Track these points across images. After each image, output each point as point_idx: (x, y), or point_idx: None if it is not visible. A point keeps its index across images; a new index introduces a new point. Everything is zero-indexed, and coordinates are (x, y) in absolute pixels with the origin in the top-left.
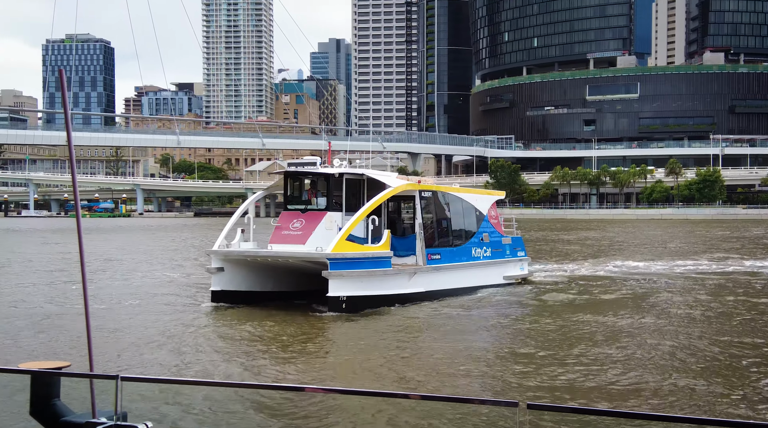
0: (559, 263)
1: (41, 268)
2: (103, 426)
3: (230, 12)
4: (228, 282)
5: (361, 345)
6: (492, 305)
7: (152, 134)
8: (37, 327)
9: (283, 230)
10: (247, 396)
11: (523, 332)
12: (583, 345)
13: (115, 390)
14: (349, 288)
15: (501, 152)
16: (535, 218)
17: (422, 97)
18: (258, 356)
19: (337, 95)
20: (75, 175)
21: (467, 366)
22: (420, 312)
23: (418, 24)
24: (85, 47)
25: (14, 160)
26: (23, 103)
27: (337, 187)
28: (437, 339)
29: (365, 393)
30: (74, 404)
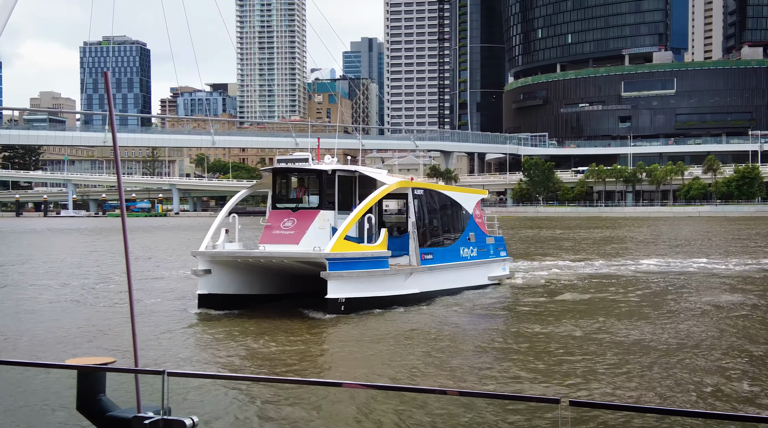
0: (545, 261)
1: (81, 266)
2: (151, 420)
3: (264, 12)
4: (215, 285)
5: (380, 353)
6: (491, 307)
7: (187, 135)
8: (77, 323)
9: (274, 230)
10: (283, 392)
11: (533, 333)
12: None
13: (162, 385)
14: (349, 289)
15: (534, 150)
16: (570, 216)
17: (455, 95)
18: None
19: (369, 94)
20: (120, 176)
21: (502, 367)
22: (420, 315)
23: (450, 22)
24: (121, 49)
25: (53, 160)
26: (61, 104)
27: (330, 184)
28: (453, 342)
29: (402, 389)
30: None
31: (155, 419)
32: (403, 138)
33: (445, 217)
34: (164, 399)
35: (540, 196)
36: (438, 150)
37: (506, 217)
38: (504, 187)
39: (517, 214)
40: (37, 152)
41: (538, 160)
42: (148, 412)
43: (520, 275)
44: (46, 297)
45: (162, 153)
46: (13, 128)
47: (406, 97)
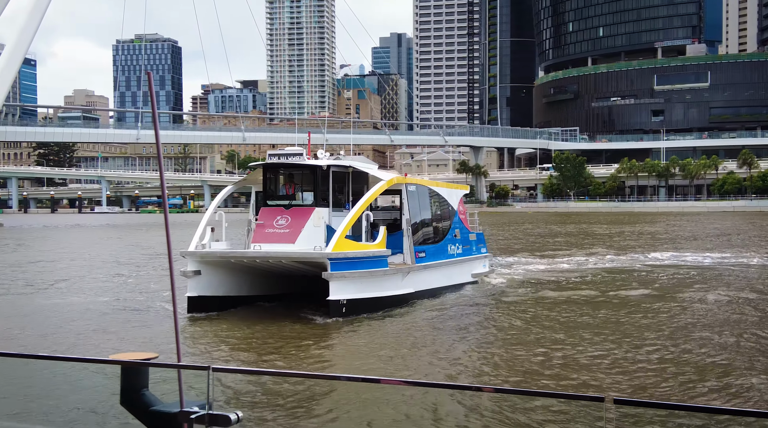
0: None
1: (117, 261)
2: (197, 415)
3: (293, 9)
4: (205, 287)
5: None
6: (488, 304)
7: (218, 131)
8: (108, 318)
9: (267, 228)
10: (319, 388)
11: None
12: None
13: (207, 380)
14: (350, 290)
15: (565, 144)
16: (601, 211)
17: (484, 89)
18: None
19: (398, 90)
20: (162, 172)
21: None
22: (426, 315)
23: (480, 16)
24: (153, 47)
25: (87, 157)
26: (95, 102)
27: (324, 180)
28: (470, 340)
29: (438, 386)
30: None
31: (201, 413)
32: (432, 133)
33: (435, 214)
34: (209, 394)
35: (571, 191)
36: (467, 145)
37: (536, 213)
38: (534, 182)
39: (547, 209)
40: (72, 149)
41: (569, 154)
42: (193, 407)
43: (505, 272)
44: (78, 296)
45: (193, 149)
46: (48, 126)
47: (435, 92)
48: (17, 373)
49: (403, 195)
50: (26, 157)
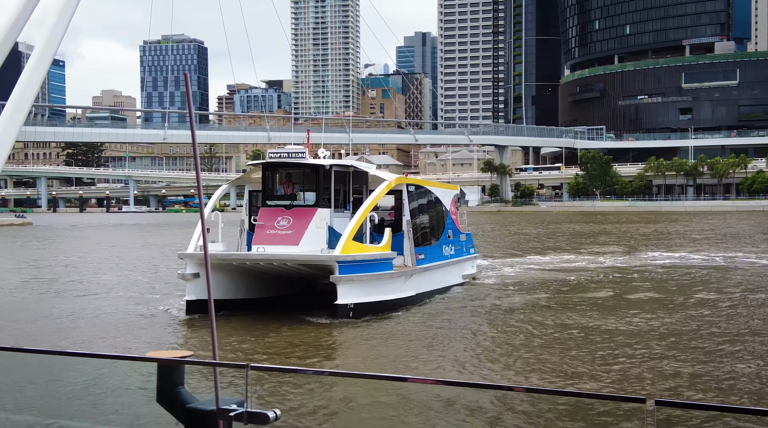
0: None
1: (136, 261)
2: (235, 412)
3: (318, 9)
4: (203, 290)
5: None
6: (492, 305)
7: (243, 131)
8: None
9: (268, 229)
10: (354, 387)
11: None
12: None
13: (245, 378)
14: (358, 293)
15: (591, 143)
16: (627, 211)
17: (509, 88)
18: None
19: (423, 89)
20: (198, 171)
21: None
22: (435, 316)
23: (505, 14)
24: (179, 47)
25: (115, 157)
26: (122, 102)
27: (326, 180)
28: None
29: (468, 385)
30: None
31: (239, 411)
32: (456, 132)
33: (431, 215)
34: (247, 392)
35: (597, 190)
36: (492, 144)
37: (561, 212)
38: (560, 181)
39: (573, 208)
40: (100, 149)
41: (595, 153)
42: (231, 405)
43: (493, 273)
44: (92, 294)
45: (219, 149)
46: (76, 126)
47: (460, 91)
48: (55, 371)
49: (404, 195)
50: (55, 157)
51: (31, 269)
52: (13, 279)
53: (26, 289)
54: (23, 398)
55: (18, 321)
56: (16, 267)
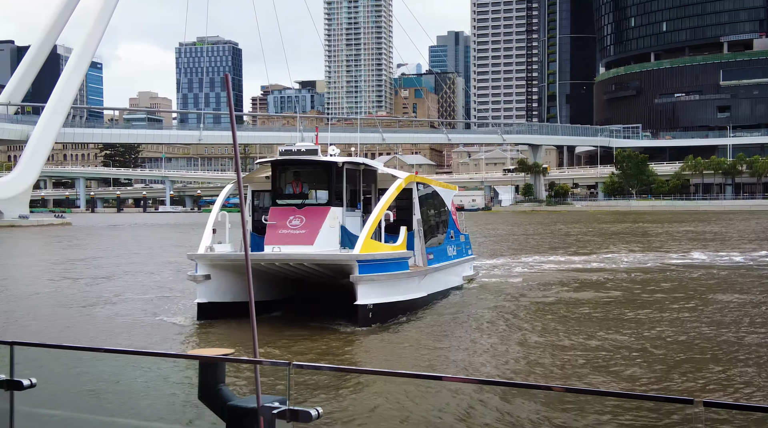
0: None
1: (165, 261)
2: (278, 410)
3: (351, 9)
4: (214, 293)
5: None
6: (502, 306)
7: (277, 131)
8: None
9: (280, 229)
10: (393, 386)
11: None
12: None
13: (287, 376)
14: (377, 294)
15: (627, 142)
16: (664, 210)
17: (543, 87)
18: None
19: (455, 88)
20: (239, 171)
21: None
22: (448, 318)
23: (539, 12)
24: (214, 49)
25: (151, 158)
26: (158, 104)
27: (339, 178)
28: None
29: (506, 384)
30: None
31: (282, 409)
32: (489, 131)
33: (437, 215)
34: (289, 390)
35: (633, 189)
36: (526, 143)
37: (596, 211)
38: (595, 180)
39: (609, 207)
40: (137, 150)
41: (631, 152)
42: (273, 402)
43: (490, 274)
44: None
45: (253, 150)
46: (113, 127)
47: (493, 90)
48: (99, 368)
49: (414, 194)
50: (93, 158)
51: (70, 268)
52: (54, 277)
53: (65, 286)
54: (78, 396)
55: (49, 317)
56: (61, 265)
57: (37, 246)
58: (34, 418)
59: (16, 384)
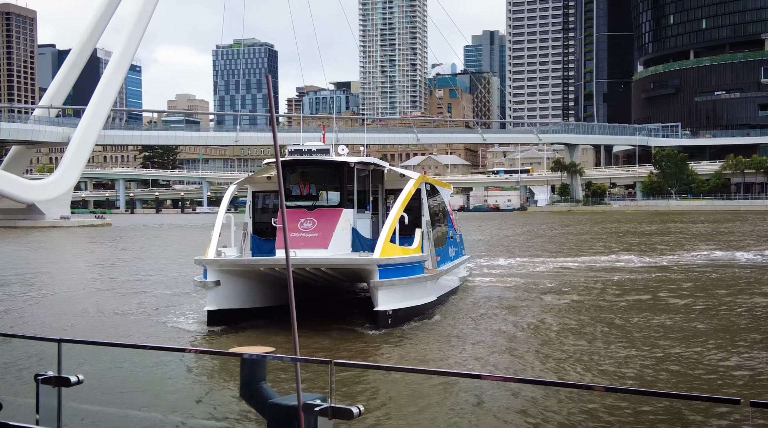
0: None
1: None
2: (320, 407)
3: (385, 10)
4: (224, 299)
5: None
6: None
7: (313, 133)
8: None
9: (292, 232)
10: (430, 385)
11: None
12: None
13: (329, 374)
14: (396, 299)
15: (666, 141)
16: (703, 210)
17: (580, 86)
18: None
19: (491, 88)
20: (280, 171)
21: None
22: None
23: (575, 11)
24: (250, 51)
25: (189, 159)
26: (196, 106)
27: (350, 178)
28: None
29: (545, 383)
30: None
31: (324, 407)
32: (525, 131)
33: (440, 215)
34: (331, 388)
35: (672, 189)
36: (562, 143)
37: (634, 211)
38: (633, 180)
39: (647, 207)
40: (175, 152)
41: (670, 151)
42: (315, 400)
43: (482, 276)
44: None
45: None
46: (152, 129)
47: (529, 89)
48: (142, 365)
49: (422, 194)
50: (132, 160)
51: (110, 267)
52: (95, 276)
53: (101, 285)
54: (121, 393)
55: (79, 315)
56: (101, 264)
57: (78, 247)
58: (80, 414)
59: (63, 380)
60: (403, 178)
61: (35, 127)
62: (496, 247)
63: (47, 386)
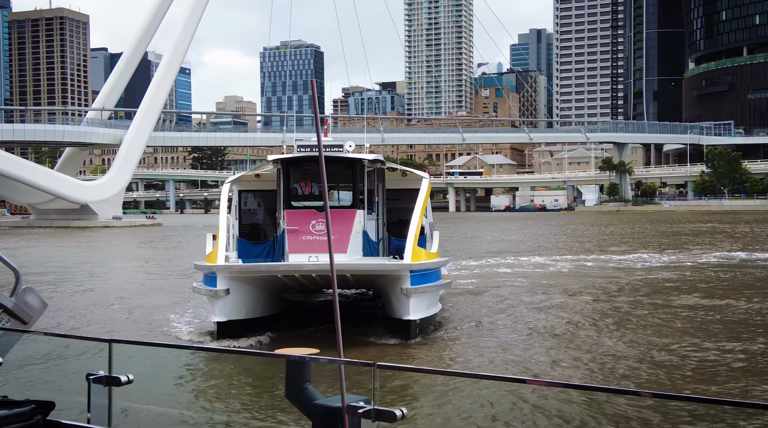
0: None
1: None
2: (364, 409)
3: (431, 9)
4: (235, 309)
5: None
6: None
7: (358, 133)
8: None
9: (303, 235)
10: (474, 389)
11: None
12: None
13: (372, 376)
14: (422, 308)
15: (718, 139)
16: (758, 210)
17: (629, 83)
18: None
19: (537, 87)
20: (323, 173)
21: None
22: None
23: (624, 7)
24: (297, 53)
25: (237, 160)
26: (244, 107)
27: (361, 177)
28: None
29: (590, 388)
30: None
31: (368, 409)
32: (572, 130)
33: (430, 216)
34: (374, 390)
35: (725, 188)
36: (610, 142)
37: (686, 211)
38: (684, 179)
39: (699, 207)
40: (223, 153)
41: (723, 149)
42: (359, 402)
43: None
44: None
45: None
46: (201, 131)
47: (577, 87)
48: (191, 364)
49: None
50: (182, 161)
51: (162, 267)
52: (147, 276)
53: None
54: (170, 392)
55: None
56: (153, 263)
57: (131, 246)
58: (130, 413)
59: (114, 380)
60: (405, 178)
61: (88, 129)
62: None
63: (98, 385)
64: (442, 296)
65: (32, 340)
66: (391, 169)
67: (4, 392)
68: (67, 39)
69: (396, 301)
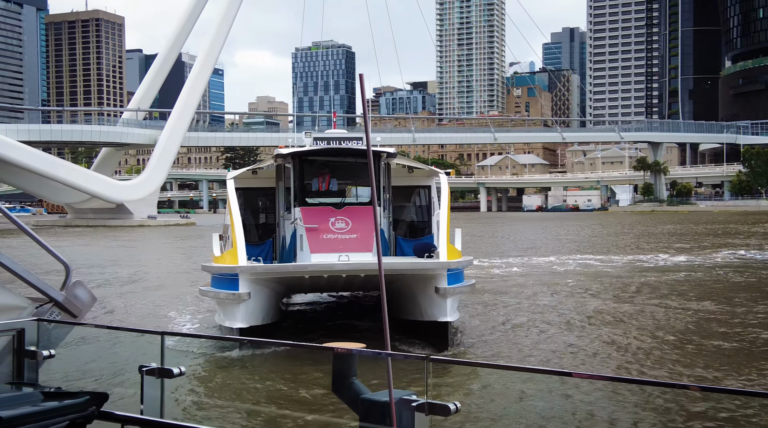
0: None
1: None
2: (417, 403)
3: (463, 9)
4: (256, 314)
5: None
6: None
7: (389, 133)
8: None
9: (324, 233)
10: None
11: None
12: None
13: (425, 370)
14: (455, 309)
15: (756, 139)
16: None
17: (664, 82)
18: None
19: (570, 86)
20: (372, 171)
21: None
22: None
23: (659, 5)
24: (329, 53)
25: None
26: (276, 107)
27: (378, 172)
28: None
29: (636, 382)
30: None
31: (421, 402)
32: (606, 129)
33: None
34: (427, 384)
35: (762, 188)
36: (645, 141)
37: (721, 211)
38: (720, 178)
39: (735, 208)
40: (255, 153)
41: (760, 149)
42: (411, 396)
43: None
44: None
45: None
46: (234, 131)
47: (610, 86)
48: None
49: (433, 192)
50: (215, 161)
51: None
52: (186, 273)
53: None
54: (220, 384)
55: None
56: (190, 261)
57: (167, 244)
58: (182, 404)
59: (167, 372)
60: (412, 174)
61: (124, 130)
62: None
63: (151, 377)
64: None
65: (82, 334)
66: (406, 168)
67: (58, 383)
68: (103, 40)
69: (427, 302)
